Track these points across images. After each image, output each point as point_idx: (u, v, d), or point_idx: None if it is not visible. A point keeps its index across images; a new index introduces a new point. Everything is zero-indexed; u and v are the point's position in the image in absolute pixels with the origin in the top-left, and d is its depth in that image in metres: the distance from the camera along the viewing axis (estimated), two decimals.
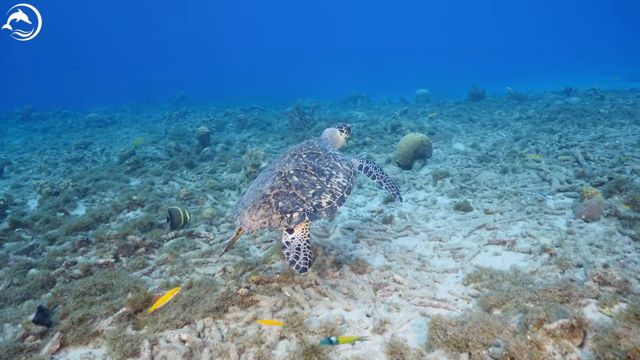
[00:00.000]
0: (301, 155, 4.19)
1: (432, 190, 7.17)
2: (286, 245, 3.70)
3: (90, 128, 18.15)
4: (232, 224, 6.27)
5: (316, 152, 4.27)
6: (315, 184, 3.87)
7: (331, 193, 3.85)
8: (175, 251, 5.24)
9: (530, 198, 6.20)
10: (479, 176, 7.46)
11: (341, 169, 4.15)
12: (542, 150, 8.86)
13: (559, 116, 11.90)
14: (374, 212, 6.45)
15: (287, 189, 3.79)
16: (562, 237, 4.80)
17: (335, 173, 4.05)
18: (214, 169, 9.19)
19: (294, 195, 3.74)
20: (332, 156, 4.27)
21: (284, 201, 3.70)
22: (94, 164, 10.98)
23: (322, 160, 4.15)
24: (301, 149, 4.32)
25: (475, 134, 11.39)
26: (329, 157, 4.23)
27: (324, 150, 4.32)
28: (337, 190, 3.91)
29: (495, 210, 5.86)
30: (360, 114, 16.63)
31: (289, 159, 4.17)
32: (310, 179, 3.91)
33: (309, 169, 4.00)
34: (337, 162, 4.21)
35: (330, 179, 3.97)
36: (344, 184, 4.01)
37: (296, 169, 3.99)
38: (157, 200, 7.24)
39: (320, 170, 4.03)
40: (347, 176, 4.12)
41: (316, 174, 3.97)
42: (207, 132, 10.88)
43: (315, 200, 3.74)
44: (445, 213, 6.12)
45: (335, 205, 3.82)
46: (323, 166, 4.08)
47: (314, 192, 3.79)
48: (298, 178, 3.89)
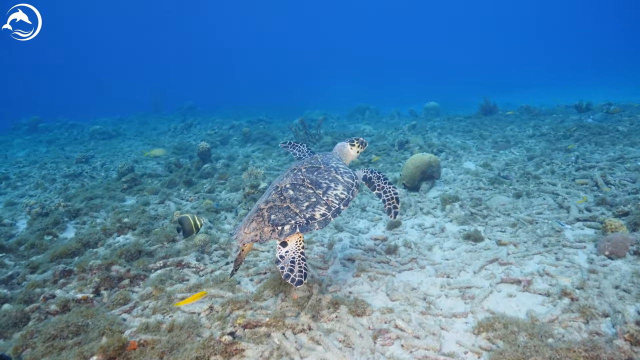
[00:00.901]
0: (300, 169, 4.20)
1: (441, 216, 6.73)
2: (280, 260, 3.68)
3: (94, 140, 18.00)
4: (225, 252, 5.89)
5: (317, 165, 4.26)
6: (311, 197, 3.88)
7: (326, 205, 3.84)
8: (160, 284, 4.86)
9: (547, 228, 5.73)
10: (490, 200, 7.00)
11: (341, 181, 4.12)
12: (558, 172, 8.37)
13: (574, 134, 11.39)
14: (378, 241, 6.03)
15: (282, 202, 3.83)
16: (584, 278, 4.32)
17: (333, 185, 4.03)
18: (212, 188, 8.84)
19: (287, 208, 3.77)
20: (334, 169, 4.24)
21: (277, 214, 3.74)
22: (92, 180, 10.71)
23: (321, 174, 4.14)
24: (302, 164, 4.32)
25: (486, 151, 10.92)
26: (329, 170, 4.20)
27: (325, 164, 4.31)
28: (333, 203, 3.89)
29: (509, 242, 5.40)
30: (368, 128, 16.26)
31: (288, 174, 4.21)
32: (306, 192, 3.92)
33: (306, 182, 4.01)
34: (338, 175, 4.18)
35: (327, 191, 3.95)
36: (342, 196, 3.98)
37: (293, 182, 4.02)
38: (149, 223, 6.90)
39: (318, 183, 4.02)
40: (347, 188, 4.08)
41: (313, 187, 3.96)
42: (208, 147, 10.57)
43: (309, 212, 3.75)
44: (454, 243, 5.67)
45: (330, 217, 3.81)
46: (321, 179, 4.07)
47: (308, 205, 3.80)
48: (293, 191, 3.92)
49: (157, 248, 5.96)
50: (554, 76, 42.25)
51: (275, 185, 4.08)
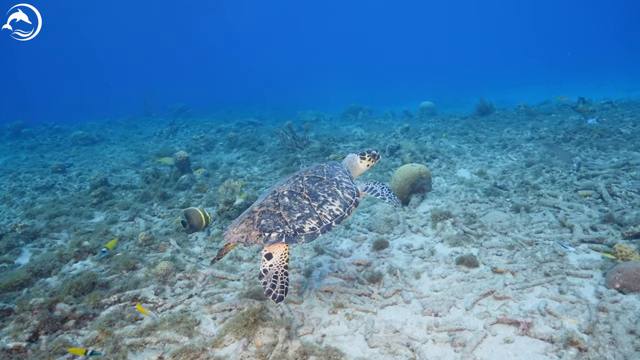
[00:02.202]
0: (303, 177, 4.15)
1: (431, 235, 6.12)
2: (263, 274, 3.67)
3: (76, 147, 17.31)
4: (190, 282, 5.27)
5: (320, 176, 4.18)
6: (304, 208, 3.82)
7: (318, 219, 3.79)
8: (108, 327, 4.25)
9: (548, 251, 5.13)
10: (486, 216, 6.40)
11: (340, 196, 4.03)
12: (559, 181, 7.78)
13: (575, 136, 10.79)
14: (361, 266, 5.42)
15: (275, 209, 3.80)
16: (593, 319, 3.73)
17: (331, 200, 3.95)
18: (187, 203, 8.22)
19: (279, 215, 3.74)
20: (336, 182, 4.16)
21: (267, 220, 3.72)
22: (64, 192, 10.08)
23: (322, 185, 4.07)
24: (306, 172, 4.27)
25: (482, 157, 10.32)
26: (331, 183, 4.13)
27: (328, 176, 4.21)
28: (326, 218, 3.83)
29: (505, 270, 4.80)
30: (359, 131, 15.64)
31: (289, 180, 4.17)
32: (301, 202, 3.87)
33: (303, 192, 3.95)
34: (339, 190, 4.09)
35: (322, 205, 3.89)
36: (337, 212, 3.91)
37: (291, 190, 3.97)
38: (111, 246, 6.27)
39: (316, 195, 3.95)
40: (345, 205, 4.00)
41: (309, 198, 3.90)
42: (186, 157, 9.94)
43: (299, 224, 3.71)
44: (445, 269, 5.07)
45: (319, 232, 3.76)
46: (320, 191, 3.99)
47: (299, 216, 3.76)
48: (289, 200, 3.87)
49: (114, 278, 5.34)
50: (553, 73, 41.58)
51: (274, 190, 4.05)
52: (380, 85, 48.31)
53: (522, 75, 42.35)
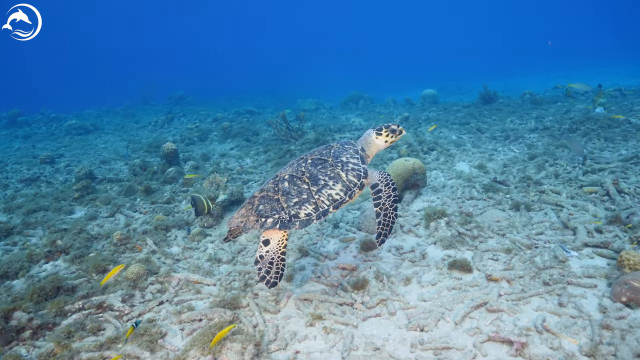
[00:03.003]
0: (307, 160, 4.00)
1: (424, 236, 5.72)
2: (259, 260, 3.71)
3: (70, 136, 16.97)
4: (163, 287, 4.92)
5: (324, 158, 3.99)
6: (302, 193, 3.74)
7: (315, 205, 3.71)
8: (66, 339, 3.91)
9: (548, 255, 4.72)
10: (483, 215, 5.99)
11: (343, 179, 3.85)
12: (563, 175, 7.33)
13: (581, 127, 10.27)
14: (346, 271, 5.04)
15: (274, 194, 3.78)
16: (596, 339, 3.33)
17: (331, 184, 3.80)
18: (171, 198, 7.85)
19: (277, 201, 3.72)
20: (341, 164, 3.95)
21: (265, 205, 3.73)
22: (49, 185, 9.75)
23: (324, 168, 3.89)
24: (312, 154, 4.10)
25: (483, 149, 9.84)
26: (335, 165, 3.93)
27: (334, 157, 4.00)
28: (323, 203, 3.73)
29: (501, 277, 4.40)
30: (358, 121, 15.14)
31: (292, 163, 4.06)
32: (300, 187, 3.78)
33: (304, 176, 3.84)
34: (342, 172, 3.89)
35: (321, 189, 3.77)
36: (336, 197, 3.77)
37: (292, 174, 3.88)
38: (84, 245, 5.94)
39: (316, 178, 3.82)
40: (347, 189, 3.82)
41: (309, 182, 3.80)
42: (174, 148, 9.55)
43: (294, 209, 3.67)
44: (436, 275, 4.68)
45: (314, 218, 3.70)
46: (321, 175, 3.84)
47: (296, 201, 3.71)
48: (288, 184, 3.81)
49: (82, 282, 5.00)
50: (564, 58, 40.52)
51: (276, 174, 4.00)
52: (384, 73, 47.50)
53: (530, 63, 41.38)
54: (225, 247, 5.96)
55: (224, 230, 6.41)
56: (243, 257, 5.65)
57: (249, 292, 4.68)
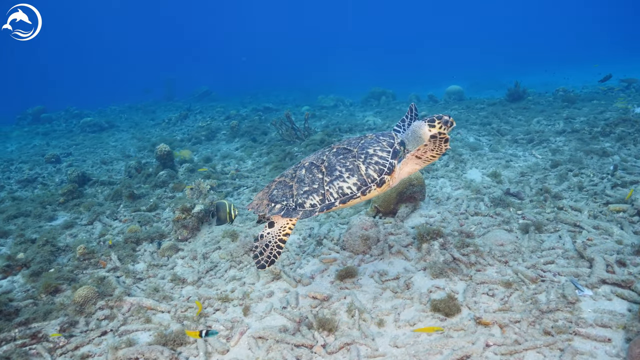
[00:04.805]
0: (332, 149, 3.77)
1: (414, 259, 4.98)
2: (259, 238, 3.70)
3: (84, 134, 17.02)
4: (112, 313, 4.44)
5: (350, 147, 3.68)
6: (315, 182, 3.56)
7: (322, 196, 3.50)
8: None
9: (555, 294, 3.91)
10: (485, 236, 5.18)
11: (361, 172, 3.49)
12: (587, 188, 6.39)
13: (616, 130, 9.14)
14: (317, 301, 4.40)
15: (290, 180, 3.70)
16: None
17: (346, 176, 3.50)
18: (154, 205, 7.40)
19: (290, 187, 3.65)
20: (365, 156, 3.56)
21: (278, 190, 3.68)
22: (44, 187, 9.55)
23: (345, 159, 3.59)
24: (341, 142, 3.85)
25: (501, 153, 8.90)
26: (357, 157, 3.57)
27: (360, 148, 3.63)
28: (331, 196, 3.49)
29: (493, 321, 3.64)
30: (373, 120, 14.33)
31: (317, 151, 3.94)
32: (315, 175, 3.60)
33: (322, 165, 3.63)
34: (363, 165, 3.52)
35: (334, 180, 3.51)
36: (347, 191, 3.48)
37: (312, 162, 3.72)
38: (47, 259, 5.54)
39: (333, 169, 3.57)
40: (362, 183, 3.48)
41: (324, 172, 3.58)
42: (168, 150, 9.11)
43: (302, 198, 3.53)
44: (417, 313, 3.97)
45: (317, 211, 3.49)
46: (340, 165, 3.57)
47: (306, 190, 3.55)
48: (305, 172, 3.66)
49: (27, 305, 4.59)
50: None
51: (300, 161, 3.92)
52: (413, 67, 46.15)
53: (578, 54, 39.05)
54: (194, 265, 5.43)
55: (198, 244, 5.89)
56: (210, 279, 5.10)
57: (202, 323, 4.13)
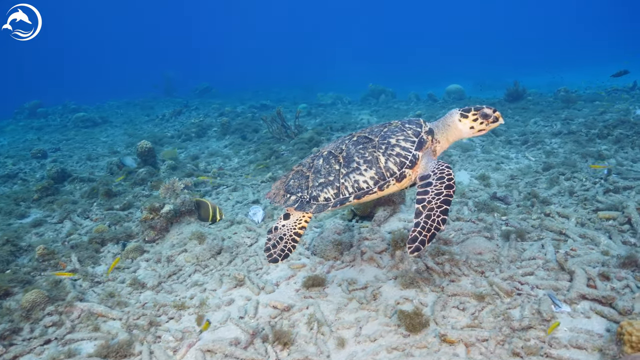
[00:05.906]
0: (352, 138, 3.52)
1: (386, 267, 4.69)
2: (273, 231, 3.60)
3: (77, 129, 16.83)
4: (60, 319, 4.18)
5: (371, 136, 3.41)
6: (331, 174, 3.38)
7: (337, 190, 3.31)
8: None
9: (530, 309, 3.60)
10: (464, 244, 4.87)
11: (379, 166, 3.25)
12: (578, 193, 6.06)
13: (614, 132, 8.77)
14: (277, 311, 4.12)
15: (307, 170, 3.55)
16: None
17: (363, 168, 3.27)
18: (127, 204, 7.15)
19: (306, 178, 3.50)
20: (385, 146, 3.28)
21: (295, 181, 3.57)
22: (23, 183, 9.34)
23: (365, 149, 3.33)
24: (363, 130, 3.60)
25: (492, 155, 8.58)
26: (378, 147, 3.30)
27: (382, 137, 3.34)
28: (346, 190, 3.30)
29: (458, 339, 3.34)
30: (367, 119, 14.03)
31: (336, 140, 3.70)
32: (332, 166, 3.41)
33: (340, 155, 3.42)
34: (383, 156, 3.26)
35: (350, 173, 3.30)
36: (363, 185, 3.26)
37: (330, 151, 3.52)
38: (5, 260, 5.30)
39: (351, 160, 3.34)
40: (380, 177, 3.24)
41: (341, 163, 3.37)
42: (149, 147, 8.87)
43: (316, 191, 3.39)
44: (380, 327, 3.67)
45: (330, 206, 3.32)
46: (358, 156, 3.32)
47: (322, 182, 3.39)
48: (322, 162, 3.48)
49: None
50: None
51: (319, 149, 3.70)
52: (416, 65, 45.78)
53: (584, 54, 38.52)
54: (157, 268, 5.17)
55: (165, 246, 5.63)
56: (172, 284, 4.84)
57: (152, 333, 3.86)
